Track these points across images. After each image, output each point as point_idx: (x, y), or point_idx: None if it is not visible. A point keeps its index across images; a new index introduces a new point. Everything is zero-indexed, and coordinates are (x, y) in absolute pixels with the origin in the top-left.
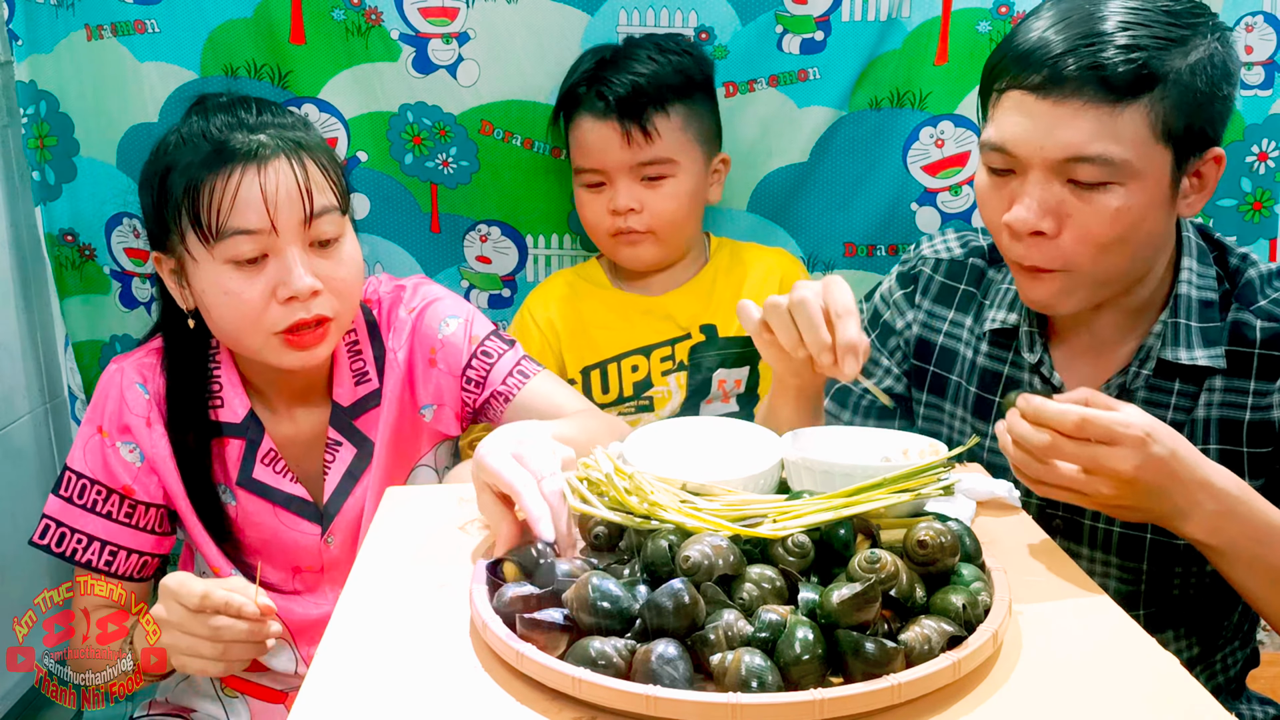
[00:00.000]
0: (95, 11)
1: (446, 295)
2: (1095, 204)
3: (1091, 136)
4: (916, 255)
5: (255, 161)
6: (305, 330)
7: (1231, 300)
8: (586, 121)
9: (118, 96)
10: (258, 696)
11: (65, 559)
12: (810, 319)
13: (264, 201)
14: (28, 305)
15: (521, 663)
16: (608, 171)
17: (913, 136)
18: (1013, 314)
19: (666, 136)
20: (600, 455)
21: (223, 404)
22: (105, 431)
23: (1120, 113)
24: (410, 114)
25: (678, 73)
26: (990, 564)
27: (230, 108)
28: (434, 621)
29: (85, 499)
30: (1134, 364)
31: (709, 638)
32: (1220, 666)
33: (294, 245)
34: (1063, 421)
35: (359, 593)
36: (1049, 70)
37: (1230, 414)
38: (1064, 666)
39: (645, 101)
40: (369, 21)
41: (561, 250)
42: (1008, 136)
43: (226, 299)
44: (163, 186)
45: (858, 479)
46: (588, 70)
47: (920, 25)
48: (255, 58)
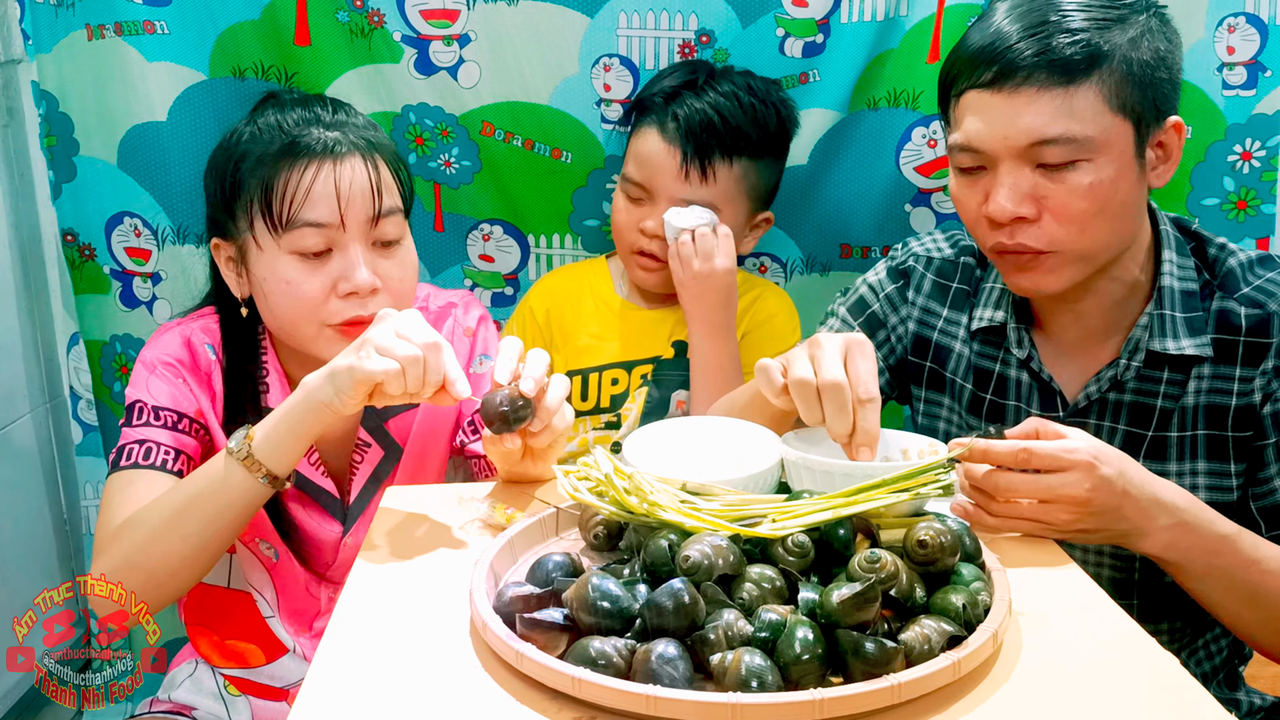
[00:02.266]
0: (96, 11)
1: (490, 325)
2: (1068, 183)
3: (1050, 119)
4: (907, 252)
5: (331, 157)
6: (360, 326)
7: (1214, 289)
8: (651, 136)
9: (121, 96)
10: (260, 696)
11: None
12: (841, 407)
13: (336, 196)
14: (27, 305)
15: (521, 663)
16: (653, 192)
17: (905, 137)
18: (999, 312)
19: (721, 184)
20: (600, 455)
21: (268, 389)
22: (170, 366)
23: (1074, 92)
24: (413, 115)
25: (756, 125)
26: (990, 564)
27: (306, 104)
28: (434, 621)
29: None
30: (1123, 356)
31: (709, 638)
32: (1205, 654)
33: (358, 242)
34: (1011, 457)
35: (359, 593)
36: (1000, 65)
37: (1217, 400)
38: (1064, 666)
39: (714, 144)
40: (372, 23)
41: (564, 250)
42: (972, 134)
43: (287, 289)
44: (234, 174)
45: (858, 479)
46: (672, 85)
47: (917, 24)
48: (262, 59)
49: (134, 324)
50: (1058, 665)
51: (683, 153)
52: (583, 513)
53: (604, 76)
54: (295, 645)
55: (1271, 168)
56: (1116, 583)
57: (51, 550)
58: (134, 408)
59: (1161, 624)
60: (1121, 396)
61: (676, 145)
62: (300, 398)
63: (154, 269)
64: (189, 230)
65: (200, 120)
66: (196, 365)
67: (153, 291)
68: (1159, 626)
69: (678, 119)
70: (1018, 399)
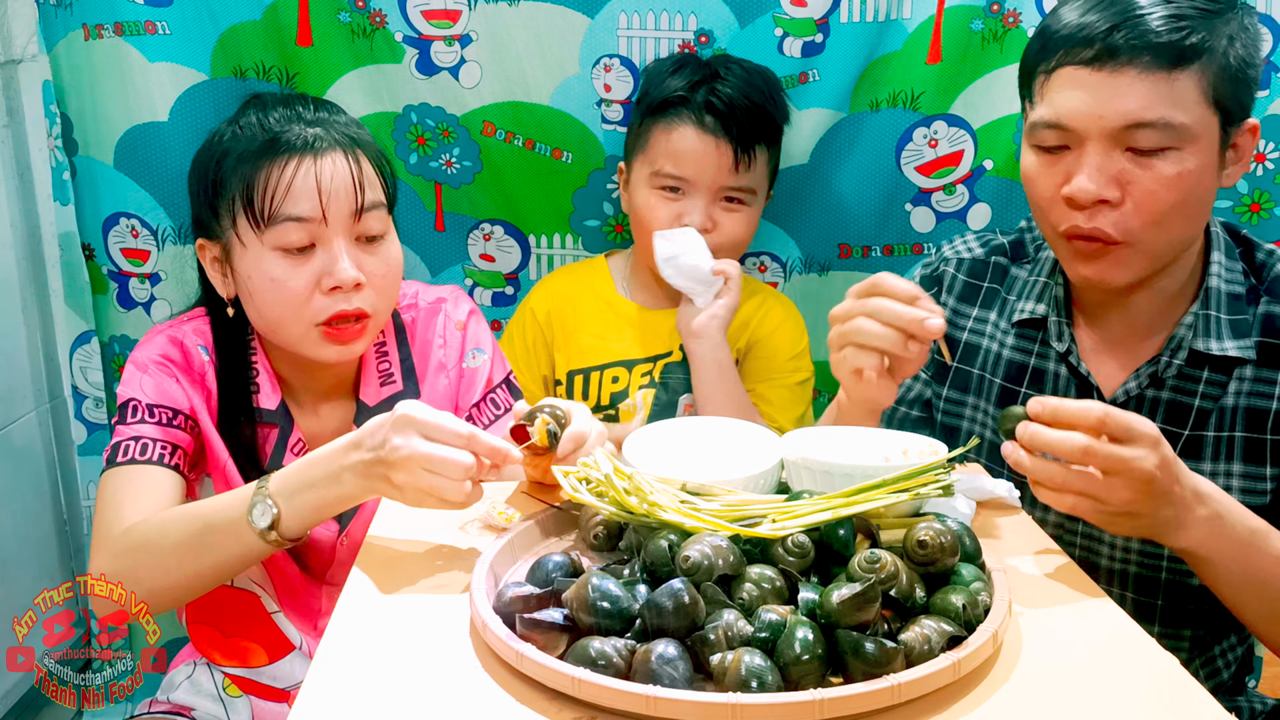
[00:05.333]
0: (95, 11)
1: (481, 319)
2: (1155, 170)
3: (1151, 102)
4: (939, 257)
5: (311, 152)
6: (345, 324)
7: (1260, 293)
8: (688, 130)
9: (121, 96)
10: (261, 696)
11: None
12: (894, 312)
13: (318, 191)
14: (27, 305)
15: (521, 663)
16: (696, 184)
17: (906, 137)
18: (1041, 304)
19: (758, 169)
20: (600, 455)
21: (259, 390)
22: (163, 366)
23: (1176, 79)
24: (414, 115)
25: (777, 108)
26: (990, 564)
27: (288, 103)
28: (434, 621)
29: (155, 417)
30: (1165, 353)
31: (709, 638)
32: (1223, 662)
33: (341, 237)
34: (1085, 418)
35: (359, 593)
36: (1101, 44)
37: (1258, 403)
38: (1064, 666)
39: (754, 131)
40: (374, 24)
41: (564, 250)
42: (1063, 111)
43: (272, 286)
44: (216, 173)
45: (858, 479)
46: (697, 77)
47: (919, 26)
48: (264, 59)
49: (131, 324)
50: (1058, 665)
51: (732, 145)
52: (583, 513)
53: (604, 77)
54: (302, 640)
55: None
56: (1142, 580)
57: (52, 550)
58: (127, 405)
59: (1184, 630)
60: (1160, 394)
61: (722, 137)
62: (335, 494)
63: (153, 269)
64: (189, 230)
65: (202, 120)
66: (189, 365)
67: (151, 292)
68: (1180, 632)
69: (715, 111)
70: (1053, 393)
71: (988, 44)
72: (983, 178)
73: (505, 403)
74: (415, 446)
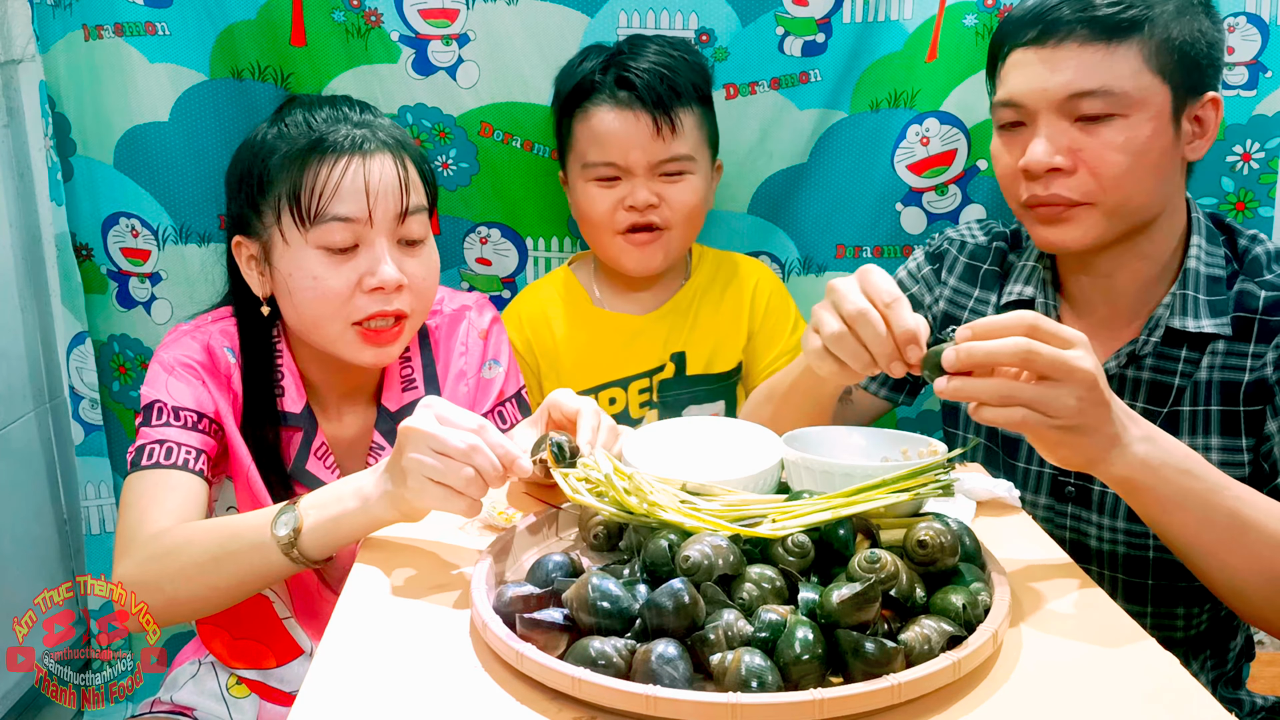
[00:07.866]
0: (94, 12)
1: (503, 329)
2: (1102, 137)
3: (1089, 72)
4: (943, 237)
5: (360, 153)
6: (383, 327)
7: (1238, 277)
8: (605, 112)
9: (119, 96)
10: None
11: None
12: (874, 330)
13: (365, 191)
14: (26, 305)
15: (521, 663)
16: (627, 165)
17: (900, 135)
18: (1029, 287)
19: (689, 133)
20: (600, 455)
21: (283, 393)
22: (189, 368)
23: (1114, 49)
24: (410, 115)
25: (694, 70)
26: (990, 564)
27: (333, 103)
28: (434, 621)
29: (181, 420)
30: (1143, 333)
31: (709, 638)
32: (1217, 662)
33: (384, 238)
34: (1018, 325)
35: (359, 593)
36: (1043, 24)
37: (1230, 376)
38: (1064, 666)
39: (673, 94)
40: (369, 23)
41: (561, 253)
42: (1014, 89)
43: (313, 284)
44: (262, 171)
45: (858, 479)
46: (602, 60)
47: (920, 26)
48: (259, 59)
49: (131, 324)
50: (1058, 665)
51: (649, 113)
52: (583, 513)
53: None
54: (312, 646)
55: (1270, 170)
56: (1131, 560)
57: (52, 550)
58: (152, 408)
59: (1177, 609)
60: (1139, 374)
61: (639, 108)
62: (356, 507)
63: (153, 269)
64: (191, 230)
65: (202, 121)
66: (216, 368)
67: (151, 291)
68: (1174, 610)
69: (628, 85)
70: None
71: (980, 40)
72: (976, 178)
73: (512, 417)
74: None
